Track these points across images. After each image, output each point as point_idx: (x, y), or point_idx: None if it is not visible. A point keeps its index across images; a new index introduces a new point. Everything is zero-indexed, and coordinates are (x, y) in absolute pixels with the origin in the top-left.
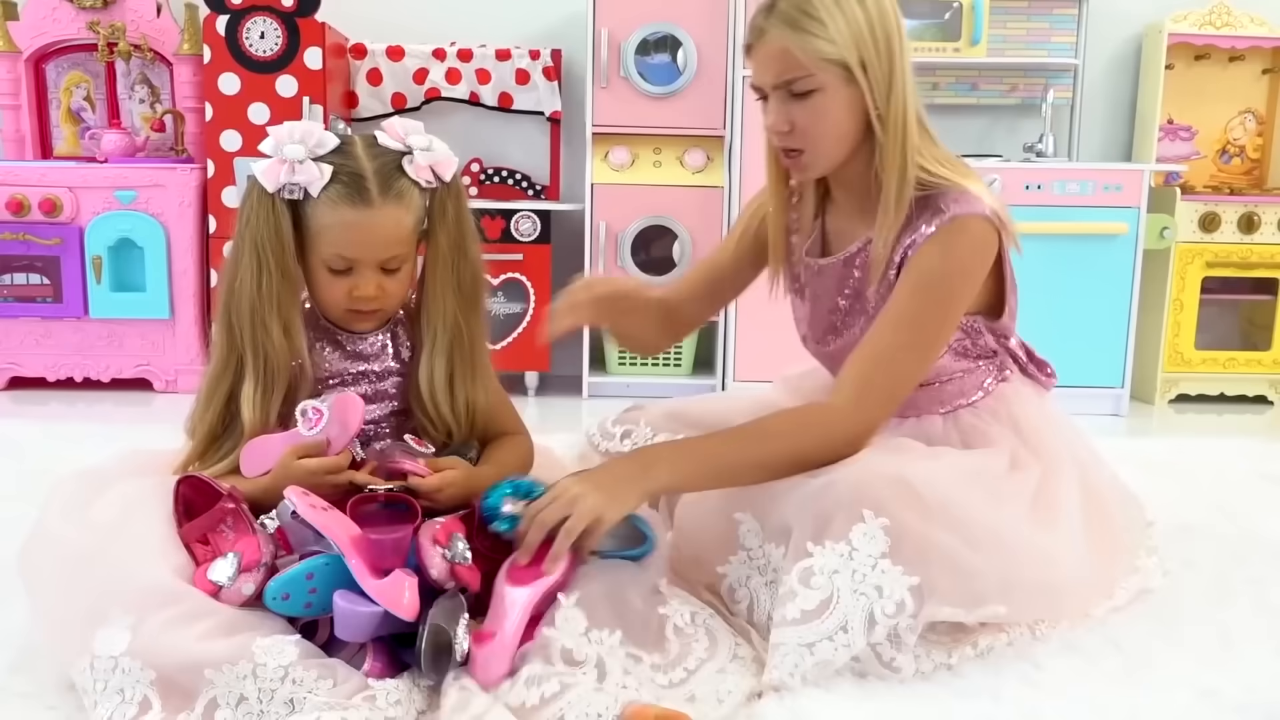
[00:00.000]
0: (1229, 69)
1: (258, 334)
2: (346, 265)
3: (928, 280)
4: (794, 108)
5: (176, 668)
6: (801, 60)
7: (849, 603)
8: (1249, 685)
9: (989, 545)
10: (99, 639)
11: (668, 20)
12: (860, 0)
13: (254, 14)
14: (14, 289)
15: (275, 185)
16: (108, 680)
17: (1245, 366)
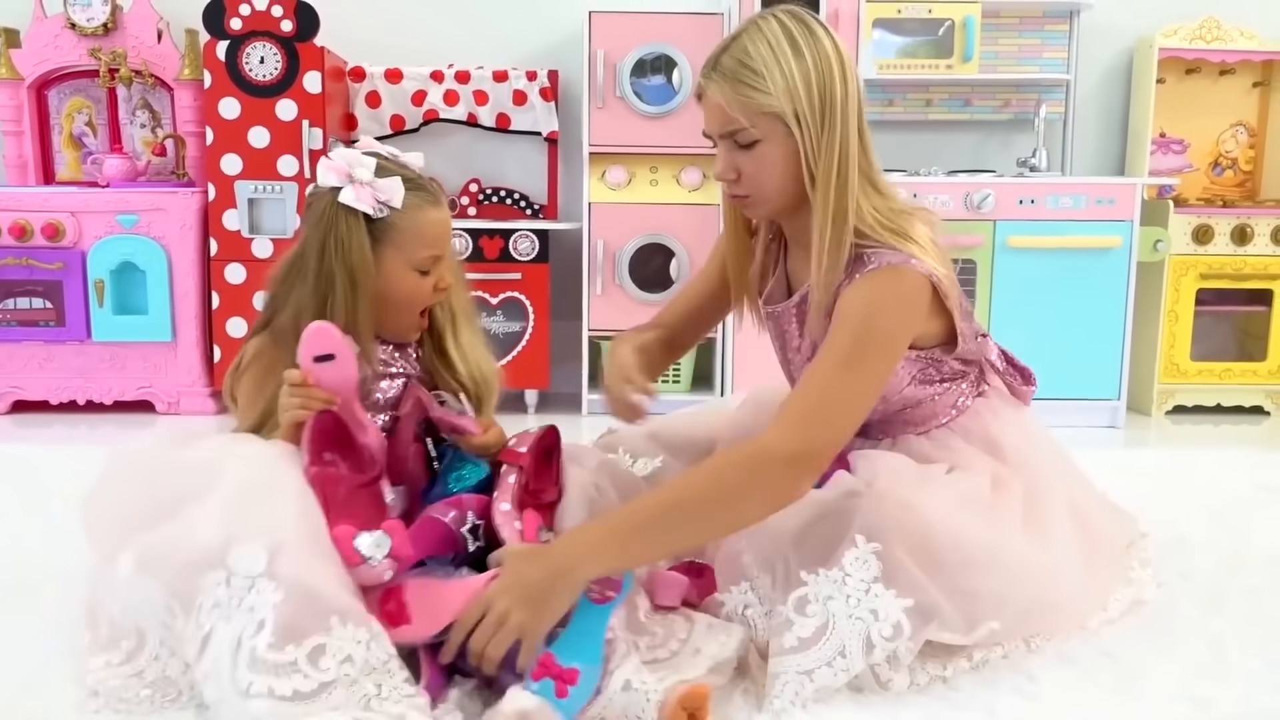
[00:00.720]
0: (1220, 82)
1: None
2: (434, 262)
3: (855, 320)
4: (739, 156)
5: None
6: (740, 115)
7: (845, 628)
8: (1243, 696)
9: (982, 565)
10: (236, 557)
11: (662, 41)
12: (800, 53)
13: (254, 39)
14: (17, 313)
15: (371, 206)
16: (242, 598)
17: (1241, 377)
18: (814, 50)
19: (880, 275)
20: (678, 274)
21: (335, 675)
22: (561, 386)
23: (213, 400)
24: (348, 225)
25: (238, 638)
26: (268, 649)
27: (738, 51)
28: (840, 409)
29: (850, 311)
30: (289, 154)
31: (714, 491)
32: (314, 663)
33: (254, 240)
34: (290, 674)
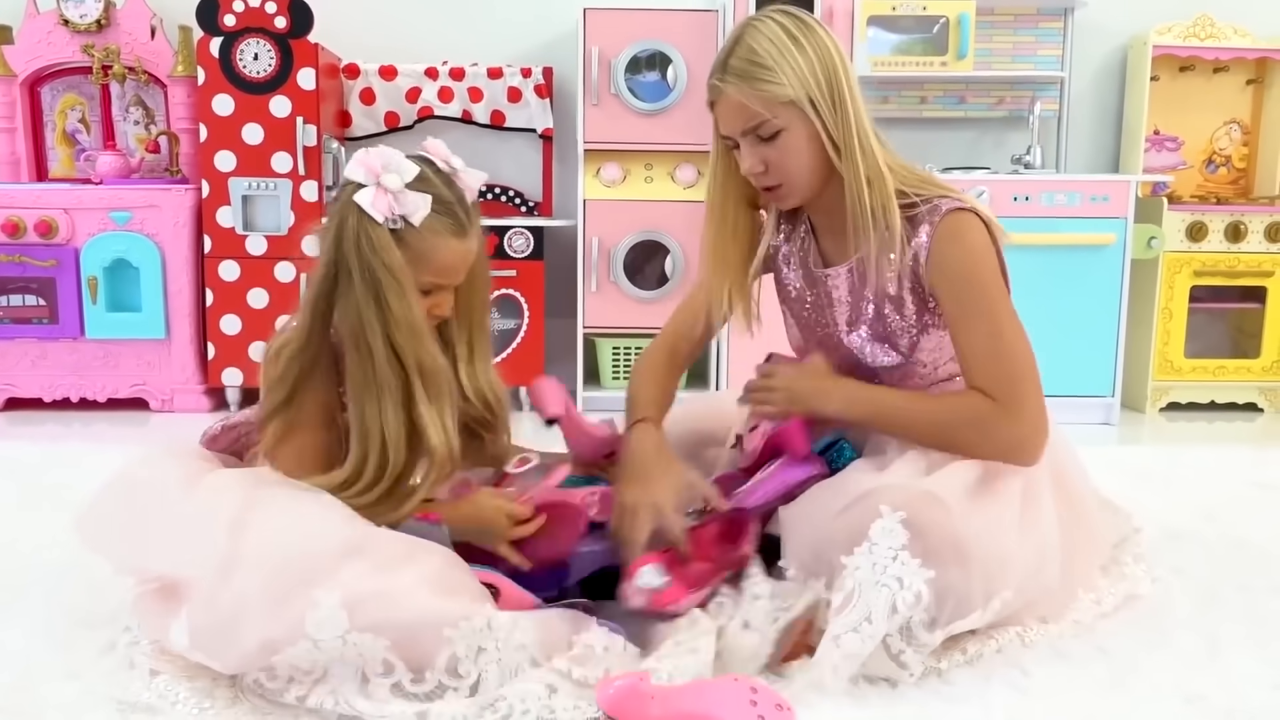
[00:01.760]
0: (1214, 80)
1: (422, 355)
2: (434, 288)
3: (963, 270)
4: (764, 150)
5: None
6: (760, 109)
7: (871, 594)
8: (1236, 692)
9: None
10: (312, 623)
11: (657, 38)
12: (801, 45)
13: (247, 36)
14: (10, 310)
15: (383, 215)
16: (340, 654)
17: (1235, 374)
18: (813, 39)
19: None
20: (673, 271)
21: (480, 668)
22: None
23: (207, 398)
24: (372, 225)
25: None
26: (412, 683)
27: (744, 51)
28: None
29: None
30: (283, 151)
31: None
32: (454, 672)
33: (248, 237)
34: (442, 696)
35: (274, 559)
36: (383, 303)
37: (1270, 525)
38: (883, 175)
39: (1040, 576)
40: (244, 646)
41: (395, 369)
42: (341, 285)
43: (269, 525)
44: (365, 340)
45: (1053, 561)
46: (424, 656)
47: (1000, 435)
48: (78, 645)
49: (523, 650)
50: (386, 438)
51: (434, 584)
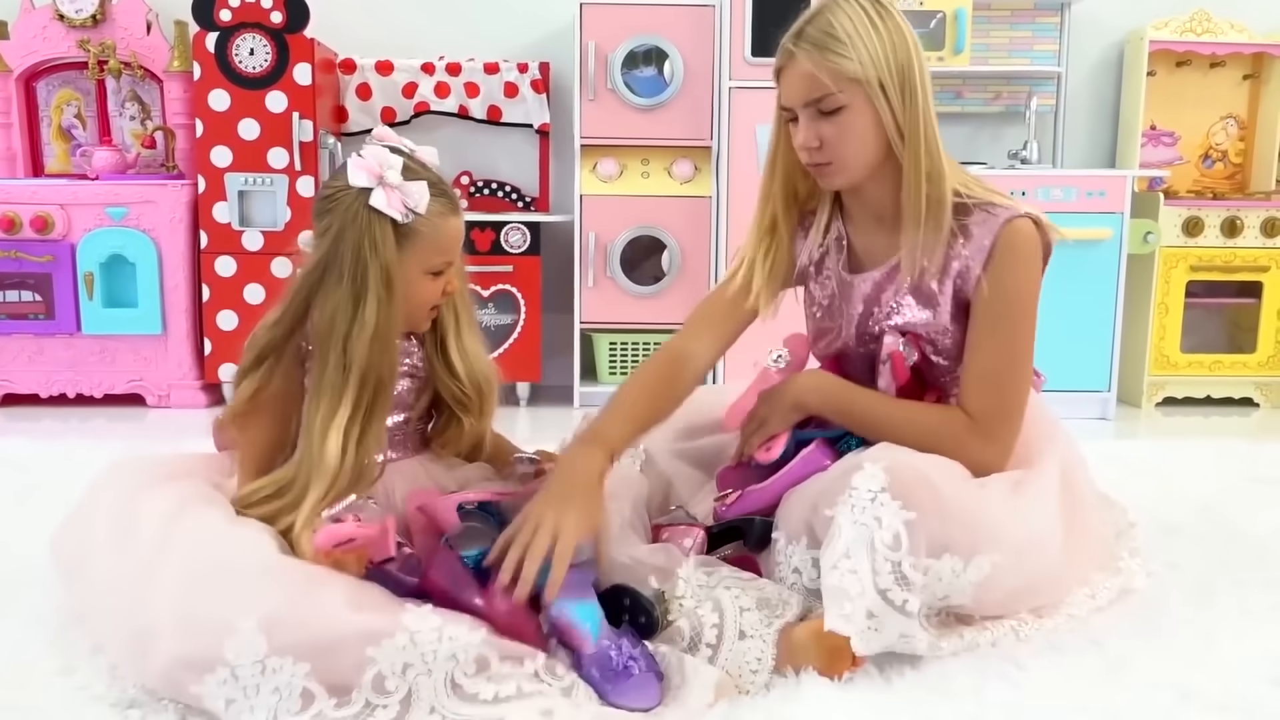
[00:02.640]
0: (1210, 75)
1: (374, 360)
2: (446, 266)
3: (1007, 294)
4: (822, 125)
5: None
6: (828, 80)
7: (849, 533)
8: (1230, 685)
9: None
10: (230, 648)
11: (654, 33)
12: (878, 28)
13: (243, 31)
14: (6, 306)
15: (400, 213)
16: (259, 684)
17: (1231, 369)
18: (891, 25)
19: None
20: (669, 266)
21: (408, 684)
22: (553, 379)
23: (203, 393)
24: (381, 227)
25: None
26: (335, 709)
27: (821, 23)
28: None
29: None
30: (279, 146)
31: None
32: (380, 689)
33: (244, 233)
34: (372, 714)
35: (188, 574)
36: (360, 310)
37: (1265, 519)
38: (942, 172)
39: (1037, 559)
40: (158, 662)
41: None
42: (328, 282)
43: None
44: (328, 343)
45: (1052, 547)
46: (347, 676)
47: (971, 456)
48: (71, 642)
49: (453, 660)
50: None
51: (351, 602)
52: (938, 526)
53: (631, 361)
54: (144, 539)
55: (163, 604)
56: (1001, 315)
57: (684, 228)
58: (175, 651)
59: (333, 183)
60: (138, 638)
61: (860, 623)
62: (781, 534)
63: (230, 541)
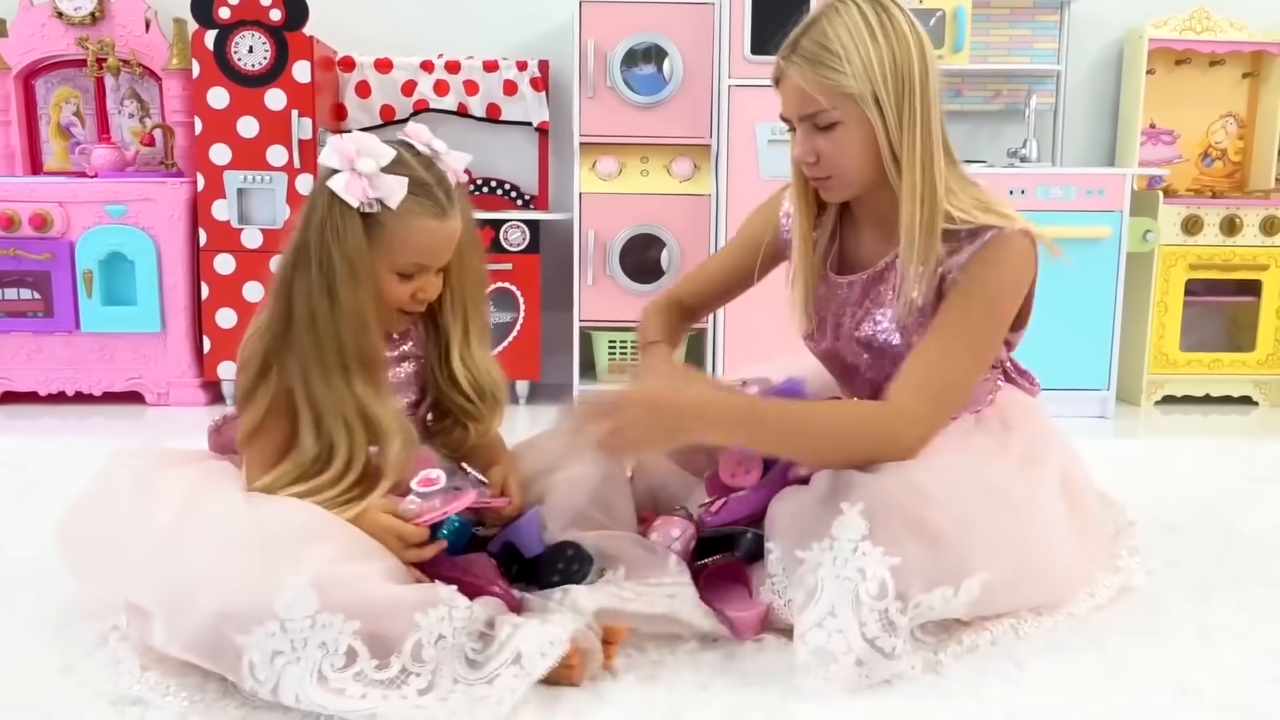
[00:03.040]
0: (1209, 73)
1: (360, 341)
2: (417, 270)
3: (976, 294)
4: (818, 139)
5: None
6: (821, 97)
7: (832, 589)
8: (1229, 684)
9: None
10: (280, 603)
11: (653, 31)
12: (877, 38)
13: (242, 28)
14: (5, 304)
15: (358, 200)
16: (307, 638)
17: (1230, 367)
18: (893, 34)
19: (992, 248)
20: (669, 264)
21: (439, 656)
22: (552, 377)
23: (203, 391)
24: (341, 211)
25: (315, 672)
26: (375, 670)
27: (817, 34)
28: (957, 384)
29: (971, 285)
30: (278, 144)
31: (836, 432)
32: (418, 658)
33: (243, 230)
34: (407, 680)
35: (232, 532)
36: (333, 291)
37: (1264, 518)
38: (935, 194)
39: (1036, 566)
40: (199, 616)
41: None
42: (300, 270)
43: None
44: (315, 329)
45: (1052, 552)
46: (391, 640)
47: (898, 444)
48: (71, 639)
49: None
50: (345, 415)
51: (399, 569)
52: (926, 563)
53: (630, 359)
54: (175, 504)
55: (204, 561)
56: (964, 313)
57: (683, 226)
58: (221, 605)
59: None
60: (176, 594)
61: (842, 680)
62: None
63: (271, 503)
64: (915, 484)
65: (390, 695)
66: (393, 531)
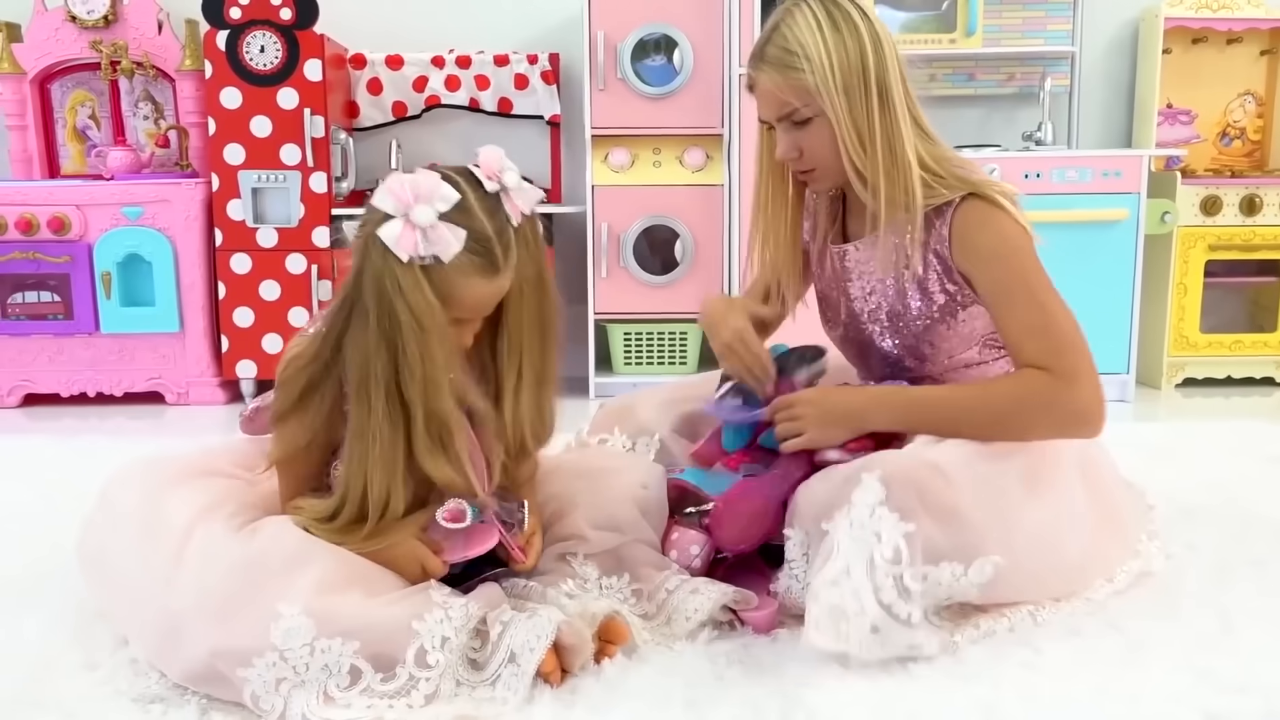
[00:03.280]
0: (1227, 51)
1: (435, 405)
2: (459, 324)
3: (992, 256)
4: (798, 135)
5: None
6: (792, 98)
7: (848, 549)
8: (1248, 667)
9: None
10: (277, 634)
11: (663, 21)
12: (837, 28)
13: (253, 28)
14: (25, 307)
15: (408, 254)
16: (308, 663)
17: (1252, 349)
18: (844, 27)
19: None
20: (682, 255)
21: (445, 659)
22: (568, 370)
23: (221, 390)
24: (398, 265)
25: (321, 693)
26: (381, 682)
27: (778, 40)
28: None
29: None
30: (291, 143)
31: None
32: (423, 664)
33: (258, 230)
34: (412, 690)
35: (216, 566)
36: (397, 350)
37: None
38: (909, 172)
39: (1055, 552)
40: (194, 652)
41: (394, 421)
42: (355, 323)
43: (213, 536)
44: (368, 390)
45: (1073, 539)
46: (393, 651)
47: (1062, 408)
48: (94, 637)
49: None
50: (368, 490)
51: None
52: (936, 534)
53: (646, 351)
54: (171, 536)
55: (196, 597)
56: (998, 271)
57: (696, 216)
58: (215, 642)
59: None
60: (168, 630)
61: (856, 639)
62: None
63: (261, 533)
64: (931, 462)
65: (396, 704)
66: (419, 561)
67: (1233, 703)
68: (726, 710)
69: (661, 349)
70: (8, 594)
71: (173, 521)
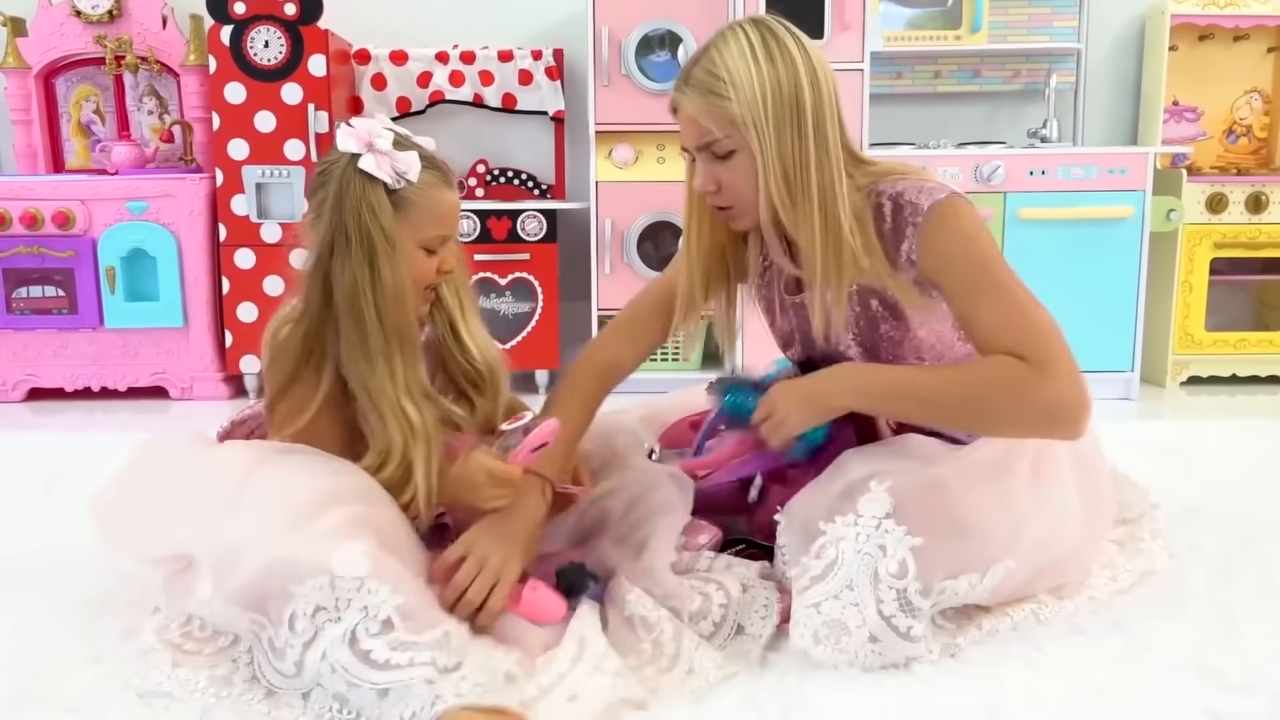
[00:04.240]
0: (1233, 49)
1: (400, 323)
2: (441, 242)
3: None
4: (717, 168)
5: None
6: (713, 126)
7: (852, 562)
8: (1252, 665)
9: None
10: (337, 560)
11: (667, 17)
12: (771, 58)
13: (258, 23)
14: (30, 301)
15: (389, 176)
16: (350, 599)
17: (1257, 347)
18: (781, 58)
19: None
20: None
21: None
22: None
23: (225, 385)
24: (375, 192)
25: (349, 634)
26: (408, 631)
27: (706, 63)
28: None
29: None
30: (295, 138)
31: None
32: (444, 646)
33: (262, 225)
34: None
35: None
36: (375, 269)
37: None
38: (837, 214)
39: (1056, 546)
40: (251, 566)
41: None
42: (339, 254)
43: (276, 470)
44: (359, 308)
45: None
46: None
47: (1038, 395)
48: (99, 631)
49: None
50: (401, 400)
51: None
52: (951, 548)
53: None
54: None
55: (261, 513)
56: (966, 273)
57: None
58: (274, 558)
59: (324, 159)
60: (230, 546)
61: (854, 650)
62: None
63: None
64: (936, 478)
65: (418, 657)
66: (484, 468)
67: (1237, 702)
68: (728, 707)
69: (664, 347)
70: (12, 588)
71: (229, 465)
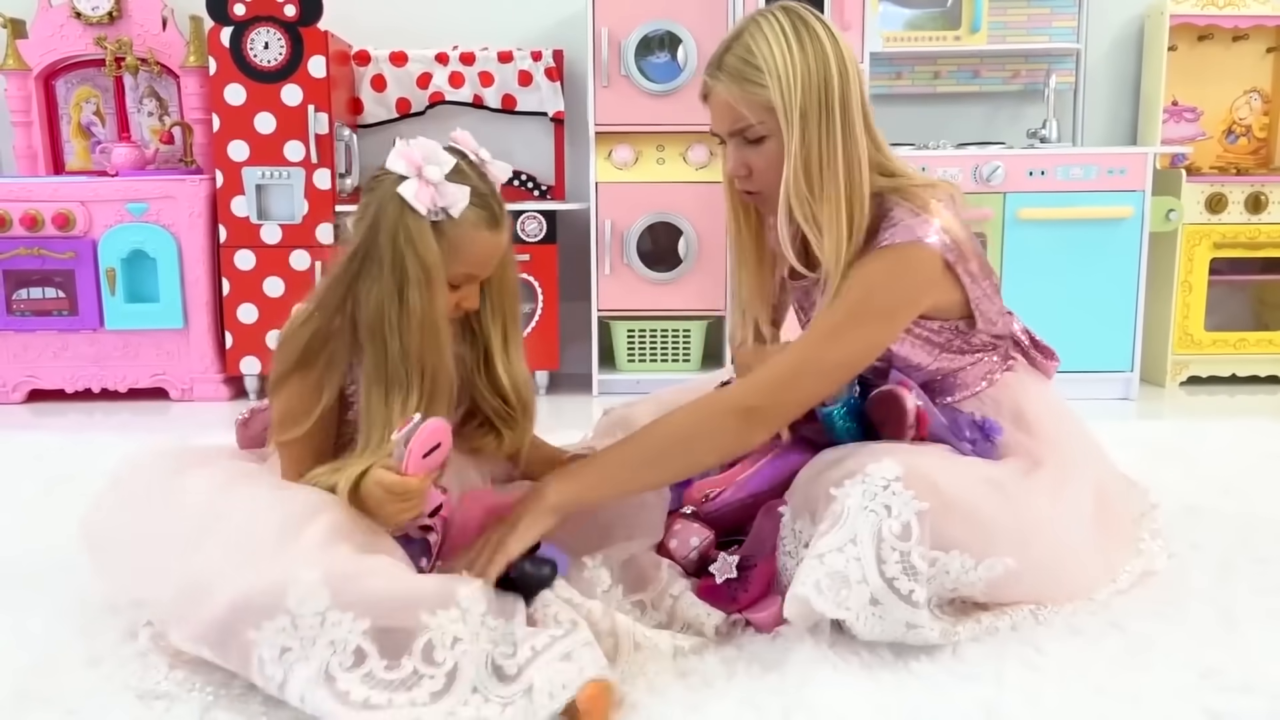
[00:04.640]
0: (1233, 49)
1: (427, 355)
2: (466, 279)
3: (855, 293)
4: (749, 153)
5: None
6: (747, 112)
7: (857, 517)
8: (1251, 665)
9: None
10: (292, 597)
11: (666, 18)
12: (804, 45)
13: (258, 25)
14: (30, 303)
15: (426, 208)
16: (315, 636)
17: (1257, 347)
18: (812, 45)
19: (890, 252)
20: (686, 253)
21: (455, 659)
22: (571, 367)
23: (226, 386)
24: (415, 220)
25: (323, 672)
26: (385, 670)
27: (740, 49)
28: (812, 375)
29: (853, 284)
30: (295, 139)
31: (672, 436)
32: (429, 659)
33: (262, 226)
34: (419, 683)
35: (248, 528)
36: (405, 298)
37: None
38: (861, 203)
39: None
40: (213, 609)
41: (407, 367)
42: (368, 274)
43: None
44: (382, 334)
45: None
46: (401, 639)
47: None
48: (98, 632)
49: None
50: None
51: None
52: (946, 523)
53: (649, 349)
54: (196, 501)
55: (221, 555)
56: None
57: (700, 214)
58: (234, 598)
59: (382, 167)
60: (191, 588)
61: (855, 608)
62: (789, 509)
63: (288, 499)
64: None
65: (396, 699)
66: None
67: (1236, 702)
68: (728, 707)
69: (665, 346)
70: (12, 589)
71: (194, 495)
